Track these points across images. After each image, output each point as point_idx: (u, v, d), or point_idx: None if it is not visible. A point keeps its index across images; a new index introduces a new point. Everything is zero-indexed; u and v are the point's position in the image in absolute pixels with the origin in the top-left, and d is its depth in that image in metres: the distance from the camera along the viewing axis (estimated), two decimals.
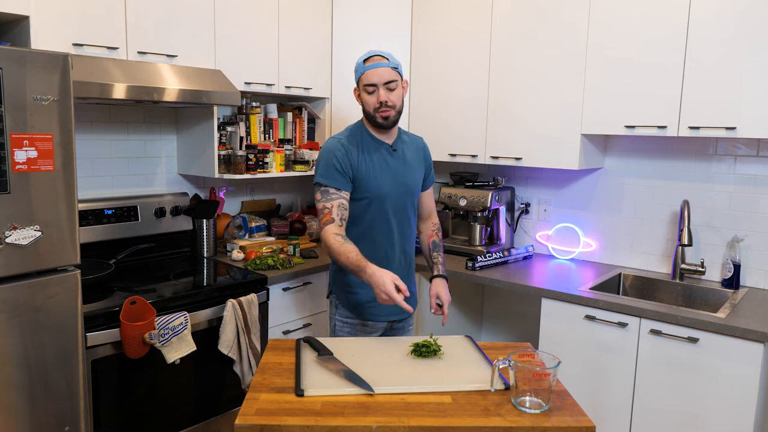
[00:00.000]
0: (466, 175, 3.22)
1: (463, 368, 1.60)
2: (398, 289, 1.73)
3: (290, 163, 3.13)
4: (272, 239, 3.08)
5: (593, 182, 3.03)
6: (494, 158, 2.98)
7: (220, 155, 2.82)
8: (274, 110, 3.16)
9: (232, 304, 2.36)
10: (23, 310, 1.78)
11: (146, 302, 2.11)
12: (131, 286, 2.36)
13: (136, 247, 2.68)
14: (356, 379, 1.50)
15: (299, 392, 1.44)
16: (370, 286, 1.80)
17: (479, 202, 3.04)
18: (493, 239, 3.23)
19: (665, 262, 2.84)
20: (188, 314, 2.22)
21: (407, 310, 1.75)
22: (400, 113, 2.04)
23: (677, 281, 2.69)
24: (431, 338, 1.71)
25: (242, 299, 2.40)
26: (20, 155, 1.73)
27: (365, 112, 2.04)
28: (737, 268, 2.55)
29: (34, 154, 1.76)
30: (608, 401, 2.41)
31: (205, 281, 2.57)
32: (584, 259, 3.08)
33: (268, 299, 2.58)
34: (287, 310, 2.73)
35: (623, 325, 2.34)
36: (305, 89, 3.10)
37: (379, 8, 3.19)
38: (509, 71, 2.90)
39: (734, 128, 2.31)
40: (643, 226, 2.89)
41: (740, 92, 2.29)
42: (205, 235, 2.92)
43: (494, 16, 2.92)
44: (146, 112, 2.86)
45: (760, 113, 2.26)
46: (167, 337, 2.14)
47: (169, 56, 2.49)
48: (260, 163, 2.93)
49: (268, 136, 3.12)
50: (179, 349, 2.17)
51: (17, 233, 1.75)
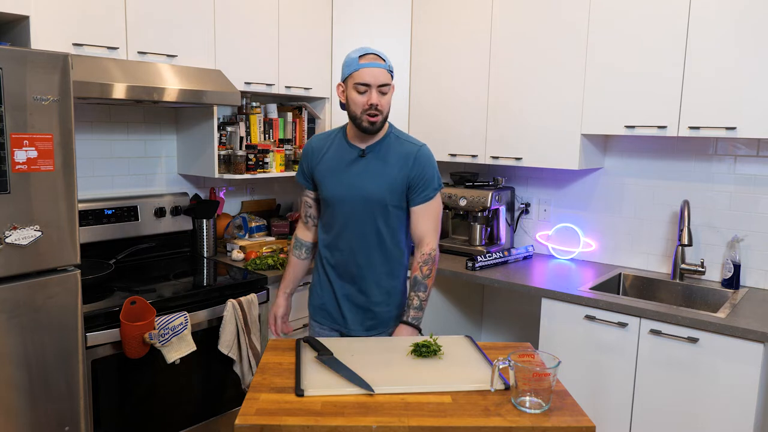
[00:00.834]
0: (466, 175, 3.22)
1: (463, 368, 1.60)
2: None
3: (290, 163, 3.13)
4: (272, 239, 3.08)
5: (593, 182, 3.03)
6: (494, 158, 2.98)
7: (220, 155, 2.82)
8: (274, 110, 3.16)
9: (232, 304, 2.36)
10: (23, 310, 1.78)
11: (146, 302, 2.11)
12: (131, 286, 2.36)
13: (136, 247, 2.68)
14: (356, 379, 1.50)
15: (299, 392, 1.44)
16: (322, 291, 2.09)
17: (479, 202, 3.04)
18: (493, 239, 3.23)
19: (665, 262, 2.84)
20: (188, 314, 2.22)
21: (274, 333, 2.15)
22: (386, 119, 1.92)
23: (677, 281, 2.69)
24: (431, 338, 1.71)
25: (242, 299, 2.40)
26: (20, 155, 1.73)
27: (351, 111, 1.90)
28: (737, 268, 2.55)
29: (34, 154, 1.76)
30: (608, 401, 2.41)
31: (205, 281, 2.57)
32: (584, 259, 3.08)
33: (268, 299, 2.58)
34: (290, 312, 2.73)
35: (623, 325, 2.34)
36: (305, 89, 3.10)
37: (379, 8, 3.19)
38: (509, 71, 2.90)
39: (734, 128, 2.31)
40: (643, 226, 2.89)
41: (740, 92, 2.29)
42: (205, 235, 2.92)
43: (494, 15, 2.92)
44: (146, 112, 2.86)
45: (760, 113, 2.26)
46: (167, 337, 2.14)
47: (169, 56, 2.49)
48: (260, 163, 2.94)
49: (268, 136, 3.12)
50: (179, 349, 2.17)
51: (17, 233, 1.75)
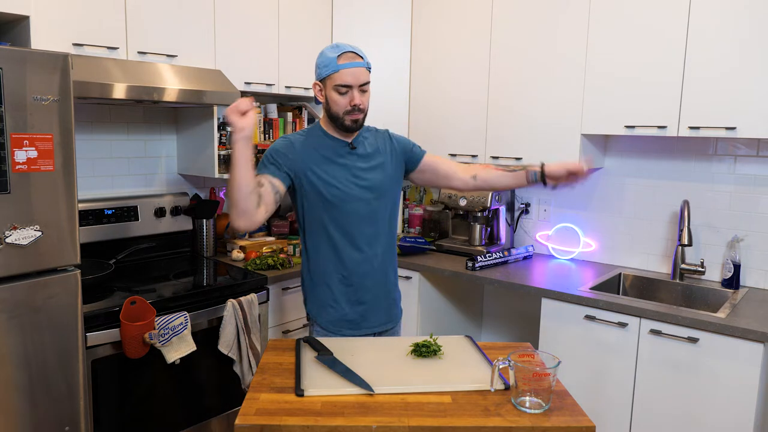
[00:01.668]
0: None
1: (463, 368, 1.60)
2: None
3: None
4: (272, 239, 3.08)
5: (593, 182, 3.03)
6: (494, 158, 2.98)
7: (220, 155, 2.82)
8: (274, 110, 3.16)
9: (232, 304, 2.36)
10: (23, 310, 1.78)
11: (146, 302, 2.11)
12: (131, 286, 2.36)
13: (136, 247, 2.68)
14: (356, 379, 1.50)
15: (299, 392, 1.44)
16: (344, 295, 1.88)
17: (479, 202, 3.04)
18: (493, 239, 3.23)
19: (665, 262, 2.84)
20: (188, 314, 2.22)
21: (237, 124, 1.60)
22: (365, 116, 1.89)
23: (677, 281, 2.69)
24: (431, 338, 1.71)
25: (242, 299, 2.40)
26: (20, 155, 1.73)
27: (331, 112, 1.85)
28: (737, 268, 2.55)
29: (34, 154, 1.76)
30: (608, 401, 2.41)
31: (205, 281, 2.57)
32: (584, 259, 3.08)
33: (268, 299, 2.58)
34: (287, 310, 2.73)
35: (623, 325, 2.34)
36: (305, 89, 3.10)
37: (379, 8, 3.19)
38: (509, 71, 2.90)
39: (734, 128, 2.31)
40: (643, 226, 2.89)
41: (740, 92, 2.29)
42: (205, 235, 2.92)
43: (494, 15, 2.92)
44: (146, 112, 2.86)
45: (760, 113, 2.26)
46: (167, 337, 2.14)
47: (169, 56, 2.49)
48: None
49: (268, 136, 3.12)
50: (179, 349, 2.17)
51: (17, 233, 1.75)
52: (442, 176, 2.04)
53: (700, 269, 2.65)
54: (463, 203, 3.08)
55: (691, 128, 2.41)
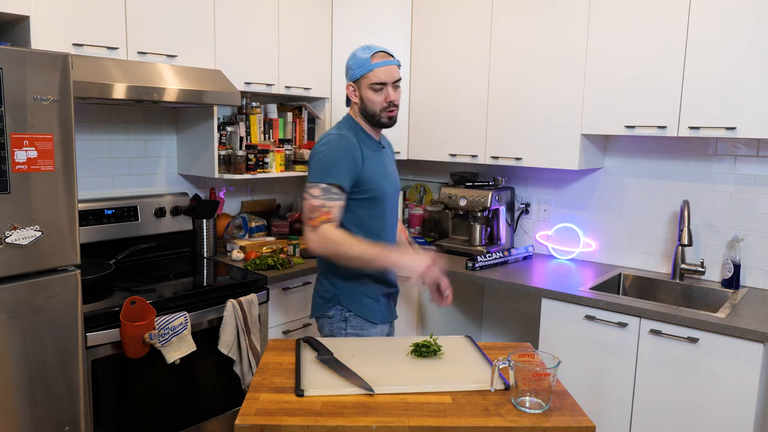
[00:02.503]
0: (466, 175, 3.22)
1: (463, 368, 1.60)
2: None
3: (290, 163, 3.13)
4: (272, 239, 3.08)
5: (593, 182, 3.03)
6: (494, 158, 2.99)
7: (220, 155, 2.82)
8: (274, 110, 3.16)
9: (232, 304, 2.36)
10: (23, 310, 1.78)
11: (146, 302, 2.11)
12: (131, 286, 2.36)
13: (136, 247, 2.68)
14: (356, 379, 1.50)
15: (299, 392, 1.44)
16: (392, 270, 1.96)
17: (479, 202, 3.04)
18: (493, 239, 3.23)
19: (665, 262, 2.84)
20: (188, 314, 2.22)
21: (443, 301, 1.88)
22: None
23: (677, 281, 2.69)
24: (431, 338, 1.71)
25: (242, 299, 2.40)
26: (20, 155, 1.73)
27: (368, 110, 1.94)
28: (737, 268, 2.55)
29: (34, 154, 1.76)
30: (608, 401, 2.41)
31: (205, 281, 2.57)
32: (584, 259, 3.08)
33: (268, 299, 2.58)
34: (287, 310, 2.73)
35: (623, 325, 2.34)
36: (305, 89, 3.10)
37: (378, 8, 3.19)
38: (509, 71, 2.90)
39: (734, 128, 2.31)
40: (643, 226, 2.89)
41: (740, 92, 2.29)
42: (205, 235, 2.92)
43: (494, 15, 2.92)
44: (146, 112, 2.86)
45: (760, 113, 2.26)
46: (167, 337, 2.14)
47: (169, 56, 2.49)
48: (260, 163, 2.94)
49: (268, 136, 3.12)
50: (179, 349, 2.17)
51: (17, 233, 1.75)
52: None
53: (700, 269, 2.65)
54: (463, 203, 3.08)
55: (691, 128, 2.41)
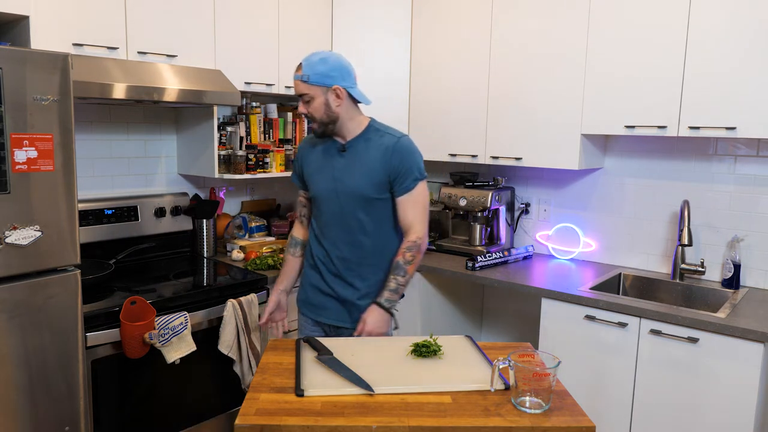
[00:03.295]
0: (466, 175, 3.22)
1: (463, 368, 1.60)
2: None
3: (290, 163, 3.13)
4: (272, 239, 3.08)
5: (593, 182, 3.03)
6: (494, 158, 2.98)
7: (220, 155, 2.82)
8: (274, 110, 3.16)
9: (232, 304, 2.36)
10: (23, 310, 1.78)
11: (146, 302, 2.11)
12: (131, 286, 2.36)
13: (136, 247, 2.68)
14: (356, 379, 1.50)
15: (299, 392, 1.44)
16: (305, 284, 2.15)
17: (479, 202, 3.04)
18: (493, 239, 3.23)
19: (665, 262, 2.84)
20: (188, 314, 2.22)
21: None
22: (330, 123, 1.92)
23: (677, 281, 2.69)
24: (431, 338, 1.71)
25: (242, 299, 2.40)
26: (20, 155, 1.73)
27: None
28: (737, 268, 2.55)
29: (34, 154, 1.76)
30: (608, 401, 2.41)
31: (205, 281, 2.57)
32: (584, 259, 3.08)
33: (267, 299, 2.58)
34: (287, 310, 2.73)
35: (623, 325, 2.34)
36: None
37: (378, 8, 3.19)
38: (509, 71, 2.89)
39: (734, 128, 2.31)
40: (643, 226, 2.89)
41: (740, 92, 2.29)
42: (205, 235, 2.92)
43: (494, 15, 2.92)
44: (146, 112, 2.86)
45: (760, 113, 2.26)
46: (167, 337, 2.14)
47: (169, 56, 2.49)
48: (260, 163, 2.94)
49: (268, 136, 3.12)
50: (179, 349, 2.17)
51: (17, 233, 1.75)
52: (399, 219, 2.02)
53: (700, 269, 2.65)
54: (463, 203, 3.08)
55: (691, 128, 2.41)
